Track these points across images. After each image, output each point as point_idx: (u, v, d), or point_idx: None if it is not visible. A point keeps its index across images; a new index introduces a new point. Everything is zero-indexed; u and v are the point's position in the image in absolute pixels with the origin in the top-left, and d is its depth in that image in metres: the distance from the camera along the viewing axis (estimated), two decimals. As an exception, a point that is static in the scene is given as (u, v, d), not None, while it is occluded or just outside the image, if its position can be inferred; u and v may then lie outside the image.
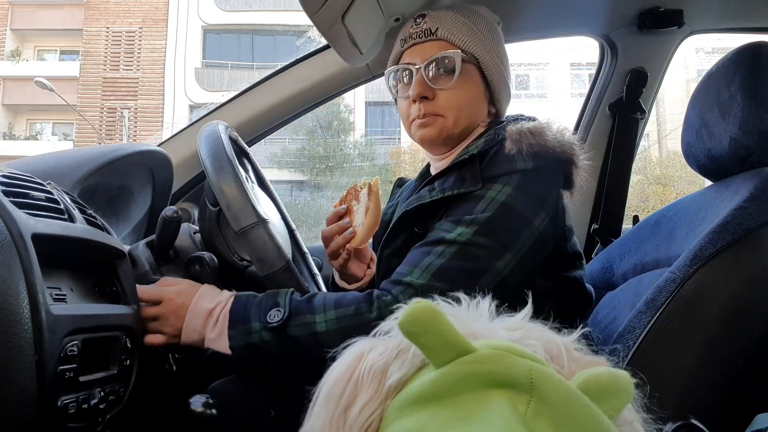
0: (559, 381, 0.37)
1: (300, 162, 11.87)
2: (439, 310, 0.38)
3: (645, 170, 10.52)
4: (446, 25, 0.98)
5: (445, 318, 0.38)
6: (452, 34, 0.98)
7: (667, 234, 1.06)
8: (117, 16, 14.79)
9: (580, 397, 0.37)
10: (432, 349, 0.38)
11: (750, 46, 0.95)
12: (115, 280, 0.85)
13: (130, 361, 0.82)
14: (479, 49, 0.98)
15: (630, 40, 1.46)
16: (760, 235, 0.84)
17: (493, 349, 0.38)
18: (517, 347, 0.39)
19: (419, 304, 0.37)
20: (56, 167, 0.99)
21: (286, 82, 1.41)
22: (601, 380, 0.38)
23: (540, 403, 0.36)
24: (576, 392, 0.37)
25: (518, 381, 0.37)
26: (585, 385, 0.38)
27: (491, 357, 0.38)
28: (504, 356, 0.38)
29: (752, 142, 0.91)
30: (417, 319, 0.37)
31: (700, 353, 0.81)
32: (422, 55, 0.98)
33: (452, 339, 0.38)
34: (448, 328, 0.37)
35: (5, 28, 14.77)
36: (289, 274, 0.88)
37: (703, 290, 0.82)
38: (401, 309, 0.39)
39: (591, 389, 0.38)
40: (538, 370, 0.37)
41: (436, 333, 0.37)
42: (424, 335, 0.37)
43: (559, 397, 0.36)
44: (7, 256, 0.61)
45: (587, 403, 0.36)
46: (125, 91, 14.33)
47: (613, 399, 0.38)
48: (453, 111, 0.98)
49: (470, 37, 0.98)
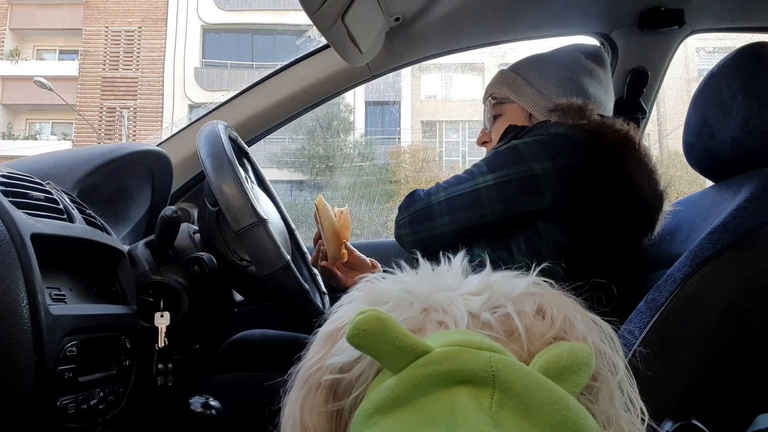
0: (520, 368, 0.37)
1: (300, 162, 11.87)
2: (386, 317, 0.37)
3: (645, 170, 10.50)
4: (490, 85, 1.18)
5: (392, 324, 0.37)
6: (492, 90, 1.17)
7: (667, 234, 1.06)
8: (116, 15, 14.78)
9: (542, 381, 0.36)
10: (385, 357, 0.37)
11: (751, 46, 0.95)
12: (115, 280, 0.85)
13: (130, 361, 0.82)
14: (507, 88, 1.13)
15: (630, 40, 1.46)
16: (761, 235, 0.84)
17: (449, 347, 0.37)
18: (474, 338, 0.38)
19: (364, 315, 0.36)
20: (55, 167, 0.99)
21: (286, 82, 1.40)
22: (561, 360, 0.38)
23: (504, 394, 0.36)
24: (538, 378, 0.37)
25: (479, 375, 0.36)
26: (545, 367, 0.38)
27: (447, 355, 0.37)
28: (460, 352, 0.37)
29: (753, 142, 0.91)
30: (363, 331, 0.36)
31: (700, 353, 0.81)
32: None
33: (404, 344, 0.37)
34: (397, 333, 0.36)
35: (4, 28, 14.76)
36: (289, 274, 0.88)
37: (703, 290, 0.82)
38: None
39: (551, 371, 0.37)
40: (498, 361, 0.36)
41: (386, 341, 0.36)
42: (375, 346, 0.36)
43: (522, 385, 0.36)
44: (7, 256, 0.61)
45: (551, 387, 0.36)
46: (124, 90, 14.32)
47: (574, 375, 0.38)
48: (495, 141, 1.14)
49: (500, 84, 1.15)
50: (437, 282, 0.45)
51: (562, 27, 1.48)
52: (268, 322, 1.49)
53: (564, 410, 0.36)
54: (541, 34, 1.48)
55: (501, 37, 1.44)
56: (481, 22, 1.36)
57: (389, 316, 0.37)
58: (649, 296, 0.86)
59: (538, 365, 0.38)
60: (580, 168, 0.94)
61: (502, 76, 1.16)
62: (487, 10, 1.32)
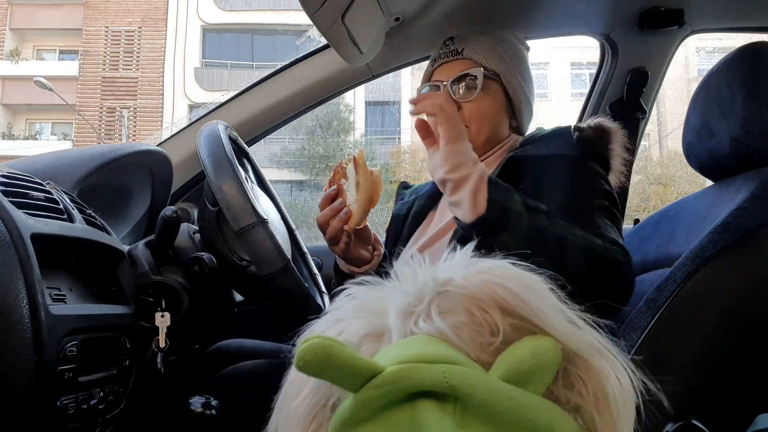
0: (478, 379, 0.36)
1: (300, 162, 11.87)
2: (329, 344, 0.36)
3: (645, 170, 10.52)
4: (471, 46, 1.07)
5: (337, 349, 0.36)
6: (476, 53, 1.06)
7: (668, 234, 1.06)
8: (116, 15, 14.78)
9: (503, 390, 0.36)
10: (339, 381, 0.37)
11: (751, 45, 0.95)
12: (115, 280, 0.85)
13: (130, 361, 0.82)
14: (500, 66, 1.07)
15: (630, 40, 1.46)
16: (761, 235, 0.84)
17: (400, 364, 0.37)
18: (427, 349, 0.37)
19: (308, 344, 0.36)
20: (55, 167, 0.99)
21: (286, 82, 1.40)
22: (523, 365, 0.37)
23: (465, 404, 0.36)
24: (498, 387, 0.36)
25: (436, 390, 0.36)
26: (507, 373, 0.37)
27: (399, 374, 0.36)
28: (412, 370, 0.36)
29: (753, 142, 0.91)
30: (309, 361, 0.36)
31: (700, 353, 0.81)
32: (449, 73, 1.07)
33: (353, 368, 0.36)
34: (344, 358, 0.36)
35: (4, 28, 14.76)
36: (289, 274, 0.88)
37: (703, 290, 0.82)
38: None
39: (513, 377, 0.37)
40: (453, 375, 0.36)
41: (335, 368, 0.36)
42: (325, 373, 0.36)
43: (482, 398, 0.35)
44: (7, 256, 0.61)
45: (512, 395, 0.36)
46: (124, 90, 14.33)
47: (540, 376, 0.37)
48: (476, 121, 1.05)
49: (492, 56, 1.07)
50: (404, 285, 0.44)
51: (562, 27, 1.48)
52: (268, 322, 1.50)
53: (530, 415, 0.35)
54: (542, 34, 1.48)
55: (501, 37, 1.44)
56: (480, 22, 1.36)
57: (333, 342, 0.36)
58: (649, 296, 0.86)
59: (498, 372, 0.37)
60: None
61: (511, 58, 1.08)
62: (486, 10, 1.32)
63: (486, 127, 1.05)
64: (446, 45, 1.10)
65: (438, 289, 0.41)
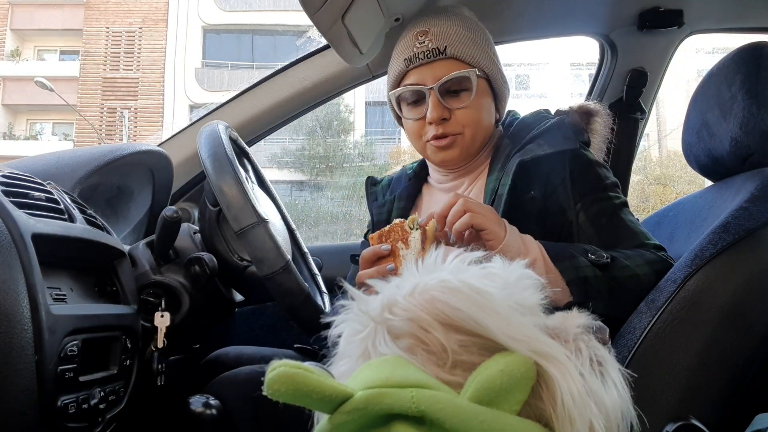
0: (448, 402, 0.36)
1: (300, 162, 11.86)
2: (294, 373, 0.36)
3: (645, 170, 10.51)
4: (454, 43, 0.97)
5: (305, 376, 0.36)
6: (462, 51, 0.97)
7: (667, 234, 1.06)
8: (117, 16, 14.78)
9: (474, 413, 0.36)
10: (312, 405, 0.37)
11: (750, 46, 0.95)
12: (115, 280, 0.85)
13: (130, 361, 0.82)
14: (487, 62, 1.00)
15: (630, 40, 1.46)
16: (761, 235, 0.84)
17: (370, 389, 0.37)
18: (396, 372, 0.38)
19: (274, 374, 0.36)
20: (56, 167, 0.99)
21: (286, 82, 1.40)
22: (494, 385, 0.37)
23: (437, 427, 0.36)
24: (468, 409, 0.36)
25: (406, 414, 0.36)
26: (478, 394, 0.37)
27: (369, 400, 0.37)
28: (381, 395, 0.37)
29: (753, 142, 0.91)
30: (278, 390, 0.36)
31: (701, 353, 0.81)
32: (433, 75, 0.97)
33: (323, 394, 0.36)
34: (313, 386, 0.36)
35: (5, 28, 14.76)
36: (289, 274, 0.88)
37: (703, 291, 0.82)
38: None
39: (484, 398, 0.37)
40: (422, 400, 0.36)
41: (305, 395, 0.36)
42: (297, 399, 0.37)
43: (453, 421, 0.35)
44: (7, 256, 0.61)
45: (483, 419, 0.36)
46: (125, 91, 14.33)
47: (514, 393, 0.37)
48: (471, 127, 0.99)
49: (478, 51, 0.98)
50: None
51: (561, 27, 1.48)
52: (268, 322, 1.50)
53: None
54: (541, 35, 1.48)
55: (501, 38, 1.44)
56: (480, 22, 1.36)
57: (299, 369, 0.36)
58: (649, 296, 0.86)
59: (469, 394, 0.37)
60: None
61: (489, 47, 1.02)
62: (487, 10, 1.32)
63: (480, 131, 1.00)
64: (421, 42, 0.98)
65: (384, 314, 0.41)
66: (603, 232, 0.92)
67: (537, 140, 0.97)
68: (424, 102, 0.98)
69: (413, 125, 1.01)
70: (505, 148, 1.01)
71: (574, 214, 0.93)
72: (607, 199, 0.94)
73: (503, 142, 1.03)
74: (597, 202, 0.93)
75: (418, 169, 1.16)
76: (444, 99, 0.97)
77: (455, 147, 0.99)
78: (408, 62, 0.99)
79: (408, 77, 1.00)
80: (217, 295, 1.08)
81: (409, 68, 1.00)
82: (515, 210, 0.91)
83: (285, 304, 0.89)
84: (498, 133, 1.07)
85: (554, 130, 0.99)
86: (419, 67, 0.99)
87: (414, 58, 0.98)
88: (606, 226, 0.92)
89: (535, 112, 1.07)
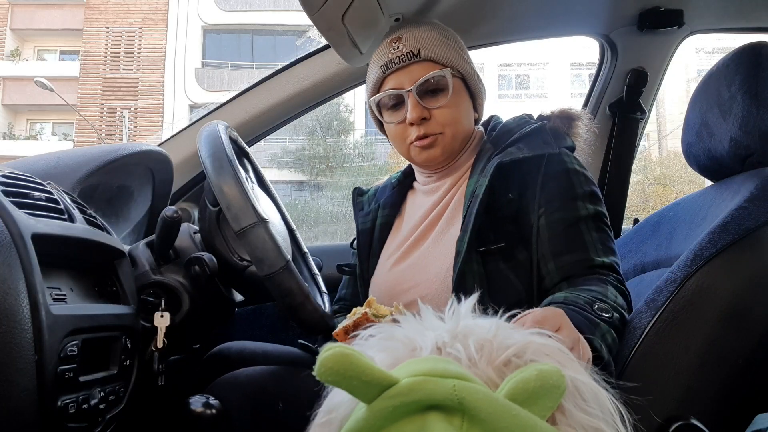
0: (486, 395, 0.38)
1: (300, 162, 11.86)
2: (350, 353, 0.38)
3: (645, 170, 10.51)
4: (427, 46, 1.00)
5: (357, 358, 0.38)
6: (435, 53, 1.00)
7: (667, 234, 1.06)
8: (117, 16, 14.78)
9: (508, 407, 0.37)
10: (355, 390, 0.39)
11: (750, 46, 0.95)
12: (115, 280, 0.85)
13: (130, 361, 0.82)
14: (460, 62, 1.02)
15: (630, 40, 1.46)
16: (761, 235, 0.84)
17: (414, 377, 0.39)
18: (438, 365, 0.40)
19: (330, 353, 0.38)
20: (56, 167, 0.99)
21: (286, 82, 1.41)
22: (528, 385, 0.38)
23: (472, 418, 0.37)
24: (503, 404, 0.38)
25: (445, 403, 0.38)
26: (512, 393, 0.39)
27: (413, 386, 0.38)
28: (425, 382, 0.38)
29: (752, 142, 0.91)
30: (331, 368, 0.37)
31: (700, 353, 0.81)
32: (410, 78, 0.99)
33: (371, 378, 0.38)
34: (363, 368, 0.38)
35: (5, 28, 14.76)
36: (289, 274, 0.88)
37: (703, 290, 0.82)
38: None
39: (518, 397, 0.38)
40: (462, 389, 0.38)
41: (354, 377, 0.38)
42: (344, 381, 0.38)
43: (488, 412, 0.37)
44: (7, 256, 0.61)
45: (516, 413, 0.37)
46: (125, 91, 14.32)
47: (544, 399, 0.39)
48: (451, 126, 1.00)
49: (451, 52, 1.01)
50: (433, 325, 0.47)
51: (561, 27, 1.48)
52: (268, 322, 1.50)
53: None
54: (541, 35, 1.48)
55: (501, 38, 1.44)
56: (480, 22, 1.36)
57: (354, 352, 0.38)
58: (649, 296, 0.86)
59: (505, 391, 0.39)
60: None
61: (461, 49, 1.04)
62: (486, 10, 1.32)
63: (460, 130, 1.02)
64: (395, 48, 1.01)
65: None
66: (554, 239, 0.91)
67: (517, 144, 0.99)
68: (403, 105, 1.00)
69: (395, 129, 1.03)
70: (487, 152, 1.03)
71: (536, 217, 0.93)
72: (573, 209, 0.92)
73: (486, 146, 1.05)
74: (560, 210, 0.92)
75: (402, 177, 1.17)
76: (422, 99, 0.99)
77: (437, 146, 1.00)
78: (385, 68, 1.02)
79: (386, 83, 1.03)
80: (217, 295, 1.08)
81: (386, 74, 1.02)
82: (491, 211, 0.93)
83: (285, 304, 0.89)
84: (479, 134, 1.09)
85: (534, 135, 1.00)
86: (396, 71, 1.01)
87: (390, 63, 1.01)
88: (560, 235, 0.91)
89: (517, 116, 1.09)
